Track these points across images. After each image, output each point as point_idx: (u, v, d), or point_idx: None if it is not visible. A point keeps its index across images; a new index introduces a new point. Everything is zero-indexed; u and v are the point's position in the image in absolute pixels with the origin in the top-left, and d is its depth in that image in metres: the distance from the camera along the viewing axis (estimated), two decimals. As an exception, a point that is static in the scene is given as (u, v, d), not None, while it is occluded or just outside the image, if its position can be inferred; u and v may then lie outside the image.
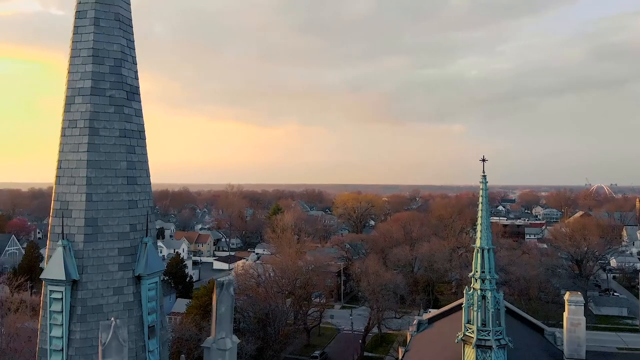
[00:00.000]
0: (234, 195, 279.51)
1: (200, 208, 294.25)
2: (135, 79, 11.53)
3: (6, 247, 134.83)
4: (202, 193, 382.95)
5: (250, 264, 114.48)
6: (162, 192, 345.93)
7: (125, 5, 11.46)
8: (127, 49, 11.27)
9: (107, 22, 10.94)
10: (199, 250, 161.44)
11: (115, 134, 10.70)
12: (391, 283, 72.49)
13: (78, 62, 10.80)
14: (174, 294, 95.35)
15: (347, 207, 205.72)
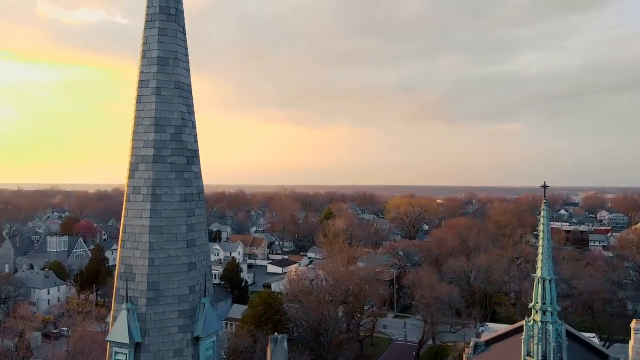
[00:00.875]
0: (287, 198, 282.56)
1: (254, 210, 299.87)
2: (195, 142, 11.92)
3: (74, 249, 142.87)
4: (256, 195, 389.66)
5: (303, 270, 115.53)
6: (219, 194, 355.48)
7: (185, 72, 11.88)
8: (187, 114, 11.68)
9: (168, 90, 11.39)
10: (253, 253, 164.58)
11: (175, 199, 11.13)
12: (446, 296, 70.80)
13: (141, 130, 11.32)
14: (230, 299, 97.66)
15: (400, 212, 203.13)
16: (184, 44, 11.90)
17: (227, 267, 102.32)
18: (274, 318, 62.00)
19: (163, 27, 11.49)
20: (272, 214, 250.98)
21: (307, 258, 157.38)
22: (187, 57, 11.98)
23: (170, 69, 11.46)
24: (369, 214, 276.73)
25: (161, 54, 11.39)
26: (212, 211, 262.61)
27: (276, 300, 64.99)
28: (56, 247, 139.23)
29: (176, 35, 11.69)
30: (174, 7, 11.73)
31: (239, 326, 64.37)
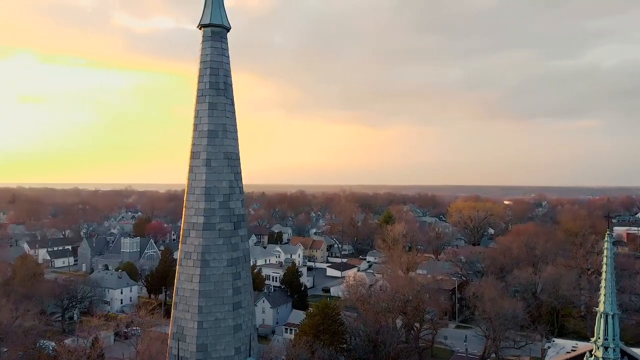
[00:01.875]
0: (346, 199, 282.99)
1: (315, 212, 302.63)
2: (242, 208, 12.64)
3: (145, 250, 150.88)
4: (316, 196, 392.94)
5: (362, 276, 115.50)
6: (281, 195, 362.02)
7: (233, 142, 12.60)
8: (235, 181, 12.40)
9: (217, 161, 12.16)
10: (313, 256, 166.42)
11: (223, 264, 11.88)
12: (509, 311, 68.41)
13: (192, 198, 12.17)
14: (290, 303, 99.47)
15: (463, 216, 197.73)
16: (232, 115, 12.63)
17: (287, 272, 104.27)
18: (332, 328, 62.65)
19: (213, 101, 12.27)
20: (331, 216, 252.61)
21: (366, 262, 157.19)
22: (235, 127, 12.70)
23: (219, 141, 12.21)
24: (430, 216, 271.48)
25: (211, 127, 12.17)
26: (273, 212, 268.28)
27: (333, 310, 65.60)
28: (129, 247, 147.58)
29: (225, 108, 12.44)
30: (223, 82, 12.48)
31: (297, 335, 65.54)
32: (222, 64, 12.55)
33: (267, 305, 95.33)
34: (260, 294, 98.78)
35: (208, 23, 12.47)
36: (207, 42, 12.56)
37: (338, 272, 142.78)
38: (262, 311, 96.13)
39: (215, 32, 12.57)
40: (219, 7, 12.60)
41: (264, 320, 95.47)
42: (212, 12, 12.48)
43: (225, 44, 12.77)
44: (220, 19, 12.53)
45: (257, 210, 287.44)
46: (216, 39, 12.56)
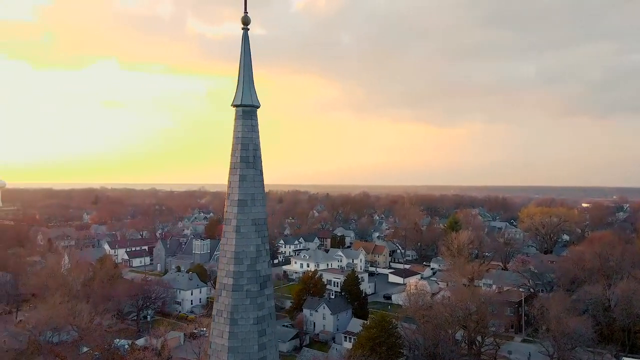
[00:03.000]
0: (410, 202, 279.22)
1: (378, 215, 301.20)
2: (268, 269, 14.00)
3: (215, 251, 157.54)
4: (380, 198, 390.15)
5: (423, 284, 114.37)
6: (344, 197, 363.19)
7: (261, 209, 13.97)
8: (262, 245, 13.78)
9: (246, 227, 13.59)
10: (375, 261, 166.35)
11: (250, 322, 13.26)
12: (575, 331, 65.52)
13: (224, 261, 13.68)
14: (350, 310, 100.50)
15: (535, 221, 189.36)
16: (260, 185, 14.02)
17: (347, 279, 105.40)
18: (388, 342, 63.12)
19: (243, 173, 13.72)
20: (395, 219, 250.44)
21: (429, 269, 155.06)
22: (263, 195, 14.10)
23: (248, 209, 13.65)
24: (500, 221, 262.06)
25: (241, 197, 13.63)
26: (337, 215, 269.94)
27: (390, 323, 65.92)
28: (200, 249, 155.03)
29: (254, 179, 13.86)
30: (252, 156, 13.92)
31: (354, 347, 66.51)
32: (252, 140, 14.00)
33: (328, 312, 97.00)
34: (321, 300, 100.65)
35: (239, 104, 13.96)
36: (239, 120, 14.06)
37: (400, 278, 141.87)
38: (322, 317, 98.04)
39: (246, 111, 14.05)
40: (249, 89, 14.06)
41: (325, 326, 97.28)
42: (242, 93, 13.96)
43: (255, 120, 14.21)
44: (250, 100, 13.99)
45: (321, 213, 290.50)
46: (246, 117, 14.03)
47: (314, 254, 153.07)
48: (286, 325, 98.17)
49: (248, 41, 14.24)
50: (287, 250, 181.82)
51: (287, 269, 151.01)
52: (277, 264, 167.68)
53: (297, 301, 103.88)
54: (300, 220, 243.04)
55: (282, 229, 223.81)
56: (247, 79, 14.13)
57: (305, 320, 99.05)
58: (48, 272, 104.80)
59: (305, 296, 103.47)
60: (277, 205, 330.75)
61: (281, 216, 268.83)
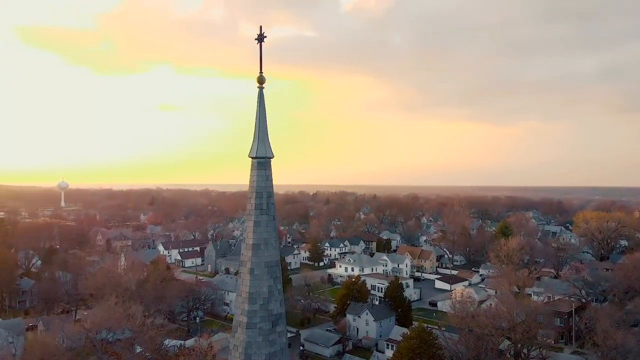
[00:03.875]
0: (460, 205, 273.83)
1: (426, 218, 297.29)
2: (280, 307, 15.20)
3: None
4: (429, 200, 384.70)
5: (469, 292, 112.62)
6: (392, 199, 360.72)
7: (273, 253, 15.21)
8: (274, 285, 15.01)
9: (259, 269, 14.87)
10: (421, 266, 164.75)
11: (262, 357, 14.47)
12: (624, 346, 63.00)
13: (240, 300, 15.01)
14: (394, 317, 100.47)
15: (590, 226, 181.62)
16: (273, 230, 15.26)
17: (391, 286, 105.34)
18: (429, 352, 63.06)
19: (257, 220, 15.02)
20: (444, 223, 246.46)
21: (478, 275, 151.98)
22: (275, 239, 15.33)
23: (261, 253, 14.92)
24: (555, 225, 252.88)
25: (255, 241, 14.93)
26: (383, 217, 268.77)
27: (430, 334, 65.78)
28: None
29: (267, 225, 15.12)
30: (266, 203, 15.20)
31: (394, 356, 66.85)
32: (265, 188, 15.29)
33: (371, 318, 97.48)
34: (364, 305, 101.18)
35: (255, 156, 15.31)
36: (254, 170, 15.40)
37: (447, 285, 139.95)
38: (365, 323, 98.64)
39: (261, 162, 15.38)
40: (264, 143, 15.43)
41: (368, 332, 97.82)
42: (257, 147, 15.31)
43: (269, 170, 15.52)
44: (264, 153, 15.33)
45: (367, 215, 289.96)
46: (261, 168, 15.36)
47: (359, 258, 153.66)
48: (330, 330, 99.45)
49: (263, 99, 15.53)
50: (332, 253, 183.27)
51: (332, 273, 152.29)
52: (322, 266, 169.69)
53: (341, 306, 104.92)
54: (346, 223, 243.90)
55: (327, 231, 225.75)
56: (262, 134, 15.47)
57: (348, 326, 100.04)
58: (105, 273, 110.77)
59: (348, 301, 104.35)
60: (323, 206, 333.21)
61: (327, 218, 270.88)
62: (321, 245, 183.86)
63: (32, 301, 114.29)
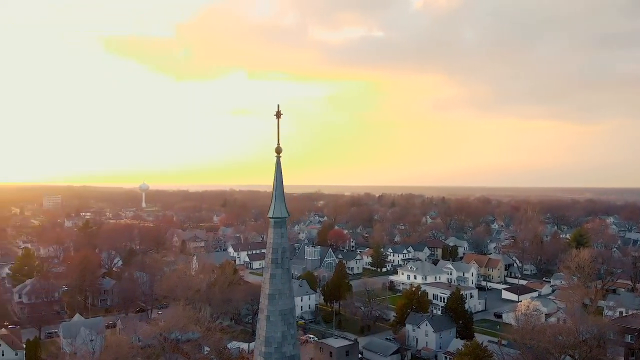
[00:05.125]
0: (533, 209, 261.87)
1: (497, 223, 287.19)
2: (294, 350, 17.12)
3: (325, 258, 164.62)
4: (502, 203, 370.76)
5: (536, 305, 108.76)
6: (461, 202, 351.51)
7: (287, 302, 17.15)
8: (287, 331, 16.92)
9: (274, 317, 16.89)
10: (488, 275, 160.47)
11: (277, 395, 16.61)
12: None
13: (258, 343, 17.07)
14: (454, 329, 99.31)
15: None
16: (287, 282, 17.22)
17: (452, 297, 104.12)
18: (483, 369, 62.51)
19: (273, 273, 17.10)
20: (515, 229, 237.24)
21: (549, 286, 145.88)
22: (290, 289, 17.29)
23: (275, 302, 16.96)
24: (637, 232, 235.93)
25: (271, 291, 17.01)
26: (450, 222, 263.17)
27: (485, 352, 65.11)
28: (311, 255, 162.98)
29: (282, 277, 17.13)
30: (281, 258, 17.22)
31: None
32: (281, 245, 17.35)
33: (430, 329, 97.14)
34: (424, 316, 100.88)
35: (272, 216, 17.45)
36: (271, 228, 17.53)
37: (515, 295, 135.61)
38: (425, 334, 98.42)
39: (277, 222, 17.48)
40: (280, 205, 17.53)
41: (427, 343, 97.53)
42: (274, 208, 17.43)
43: (284, 229, 17.59)
44: (280, 213, 17.41)
45: (434, 219, 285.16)
46: (277, 227, 17.46)
47: (422, 265, 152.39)
48: (389, 339, 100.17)
49: (280, 167, 17.63)
50: (395, 259, 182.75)
51: (394, 279, 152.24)
52: (384, 272, 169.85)
53: (400, 315, 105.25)
54: (411, 228, 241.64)
55: (391, 236, 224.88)
56: (279, 197, 17.59)
57: (407, 336, 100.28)
58: (178, 275, 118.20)
59: (408, 311, 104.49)
60: (388, 210, 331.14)
61: (392, 222, 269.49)
62: (384, 250, 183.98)
63: (113, 300, 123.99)
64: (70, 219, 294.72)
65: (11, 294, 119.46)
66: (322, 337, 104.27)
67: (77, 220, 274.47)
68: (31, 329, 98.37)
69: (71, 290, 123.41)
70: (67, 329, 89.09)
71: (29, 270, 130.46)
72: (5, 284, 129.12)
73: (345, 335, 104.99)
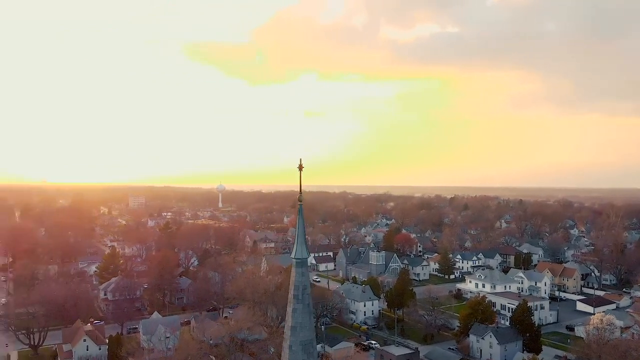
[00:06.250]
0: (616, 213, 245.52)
1: (578, 227, 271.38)
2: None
3: (390, 263, 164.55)
4: (583, 207, 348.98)
5: (609, 319, 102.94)
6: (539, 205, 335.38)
7: (307, 333, 19.26)
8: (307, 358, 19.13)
9: (295, 346, 18.96)
10: (563, 285, 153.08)
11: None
12: None
13: (282, 369, 19.48)
14: (520, 341, 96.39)
15: None
16: (307, 315, 19.28)
17: (518, 309, 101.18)
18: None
19: (294, 307, 19.32)
20: (596, 235, 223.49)
21: (628, 298, 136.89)
22: (310, 322, 19.38)
23: (297, 333, 19.09)
24: None
25: (292, 324, 19.20)
26: (525, 227, 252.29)
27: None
28: (375, 260, 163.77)
29: (302, 311, 19.21)
30: (301, 294, 19.35)
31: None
32: (302, 282, 19.49)
33: (495, 341, 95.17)
34: (488, 327, 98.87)
35: (294, 257, 19.67)
36: (293, 268, 19.73)
37: (590, 307, 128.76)
38: (489, 346, 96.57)
39: (298, 262, 19.64)
40: (302, 247, 19.65)
41: (491, 355, 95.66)
42: (296, 250, 19.61)
43: (305, 268, 19.70)
44: (301, 255, 19.55)
45: (509, 223, 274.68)
46: (298, 266, 19.62)
47: (491, 274, 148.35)
48: (451, 349, 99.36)
49: (302, 213, 19.84)
50: (464, 266, 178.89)
51: (461, 287, 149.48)
52: (452, 279, 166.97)
53: (464, 325, 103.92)
54: (482, 233, 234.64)
55: (462, 241, 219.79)
56: (301, 240, 19.75)
57: (471, 347, 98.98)
58: (248, 275, 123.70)
59: (472, 321, 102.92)
60: (459, 214, 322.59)
61: (463, 226, 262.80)
62: (452, 256, 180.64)
63: (188, 298, 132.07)
64: (153, 219, 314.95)
65: (98, 291, 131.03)
66: (384, 344, 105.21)
67: (159, 220, 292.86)
68: (114, 324, 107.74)
69: (151, 288, 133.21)
70: (146, 326, 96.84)
71: (114, 269, 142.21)
72: (93, 282, 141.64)
73: (407, 343, 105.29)
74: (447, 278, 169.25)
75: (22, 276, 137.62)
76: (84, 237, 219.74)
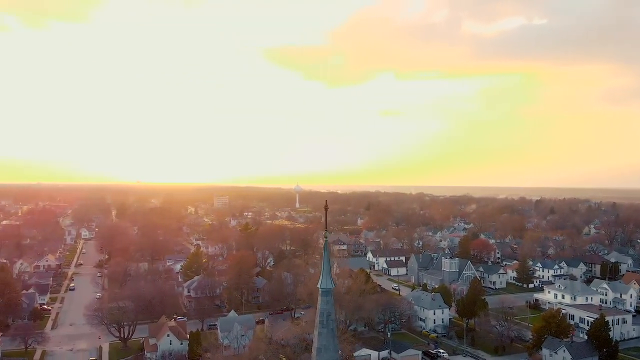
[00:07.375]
0: None
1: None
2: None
3: (463, 271, 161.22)
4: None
5: None
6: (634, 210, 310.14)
7: (332, 354, 22.16)
8: None
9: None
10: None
11: None
12: None
13: None
14: (596, 357, 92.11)
15: None
16: (332, 338, 22.03)
17: (595, 324, 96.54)
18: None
19: (320, 331, 22.15)
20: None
21: None
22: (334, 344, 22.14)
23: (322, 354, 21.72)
24: None
25: (318, 345, 21.99)
26: (615, 234, 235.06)
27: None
28: (448, 267, 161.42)
29: (327, 335, 21.76)
30: (326, 320, 22.17)
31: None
32: (326, 310, 22.23)
33: (568, 356, 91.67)
34: (562, 342, 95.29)
35: (320, 286, 22.51)
36: (320, 296, 22.56)
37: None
38: None
39: (324, 292, 22.42)
40: (327, 277, 22.38)
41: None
42: (322, 280, 22.41)
43: (330, 297, 22.40)
44: (326, 285, 22.32)
45: (598, 229, 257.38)
46: (324, 295, 22.38)
47: (572, 284, 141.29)
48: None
49: (328, 247, 22.70)
50: (544, 275, 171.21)
51: (539, 298, 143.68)
52: (531, 289, 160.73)
53: (537, 338, 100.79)
54: (567, 240, 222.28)
55: (544, 248, 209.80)
56: (327, 272, 22.55)
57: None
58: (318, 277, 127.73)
59: (546, 334, 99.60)
60: (544, 218, 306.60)
61: (547, 232, 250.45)
62: (532, 264, 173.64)
63: (264, 298, 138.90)
64: (235, 218, 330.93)
65: (182, 289, 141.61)
66: (452, 353, 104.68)
67: (241, 220, 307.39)
68: (196, 320, 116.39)
69: (230, 287, 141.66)
70: (224, 323, 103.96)
71: (197, 267, 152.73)
72: (178, 279, 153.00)
73: (477, 354, 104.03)
74: (525, 287, 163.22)
75: (115, 272, 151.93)
76: (172, 236, 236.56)
